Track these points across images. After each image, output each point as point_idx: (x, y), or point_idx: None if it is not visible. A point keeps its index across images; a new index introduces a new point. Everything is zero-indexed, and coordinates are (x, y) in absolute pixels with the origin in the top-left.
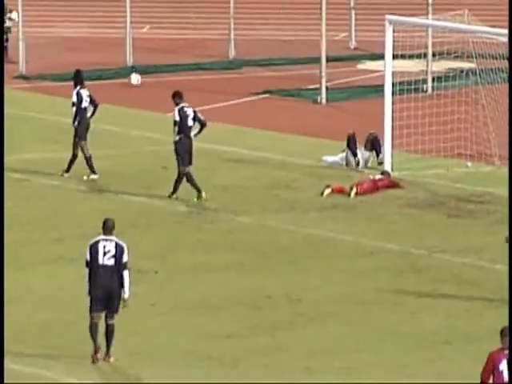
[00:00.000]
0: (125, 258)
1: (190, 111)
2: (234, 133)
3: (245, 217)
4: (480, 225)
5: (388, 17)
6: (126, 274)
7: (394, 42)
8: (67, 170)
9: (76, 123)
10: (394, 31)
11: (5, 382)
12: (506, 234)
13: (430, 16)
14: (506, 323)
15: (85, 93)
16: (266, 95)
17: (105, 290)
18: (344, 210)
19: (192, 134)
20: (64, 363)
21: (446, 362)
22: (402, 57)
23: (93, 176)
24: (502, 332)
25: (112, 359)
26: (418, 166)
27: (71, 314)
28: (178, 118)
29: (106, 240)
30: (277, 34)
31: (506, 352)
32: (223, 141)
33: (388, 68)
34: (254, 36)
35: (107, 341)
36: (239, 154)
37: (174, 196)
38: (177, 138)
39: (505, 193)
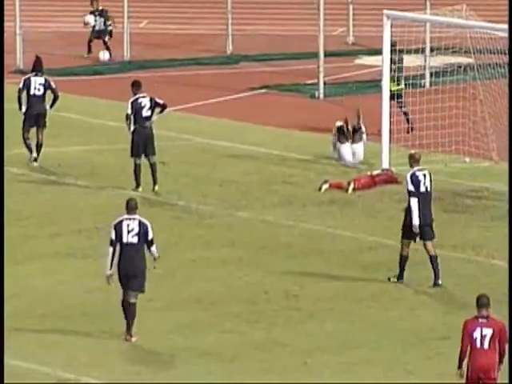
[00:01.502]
0: (150, 235)
1: (145, 101)
2: (231, 128)
3: (244, 212)
4: (477, 220)
5: (386, 12)
6: (154, 248)
7: (391, 36)
8: (35, 159)
9: (24, 110)
10: (391, 26)
11: (4, 378)
12: (505, 230)
13: (428, 11)
14: (505, 319)
15: (37, 80)
16: (264, 90)
17: (130, 268)
18: (342, 205)
19: (148, 123)
20: (63, 358)
21: (444, 357)
22: (400, 52)
23: (33, 161)
24: (477, 301)
25: (134, 339)
26: None
27: (70, 309)
28: (129, 111)
29: (130, 219)
30: (274, 29)
31: (481, 320)
32: (221, 136)
33: (386, 63)
34: (251, 31)
35: (127, 319)
36: (237, 150)
37: (156, 187)
38: (132, 128)
39: (502, 188)
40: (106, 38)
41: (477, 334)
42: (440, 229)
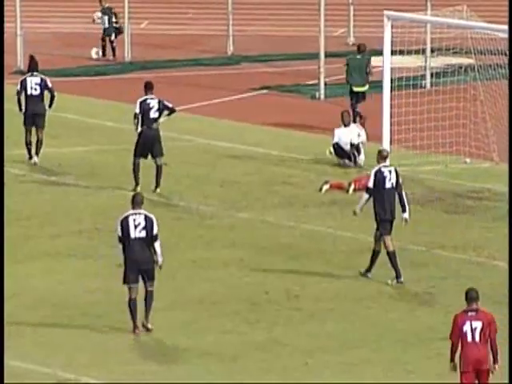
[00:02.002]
0: (155, 230)
1: (153, 103)
2: (232, 129)
3: (244, 213)
4: (478, 221)
5: (386, 12)
6: (157, 244)
7: (392, 37)
8: (36, 153)
9: (23, 110)
10: (392, 27)
11: (4, 378)
12: (506, 230)
13: (429, 12)
14: (505, 319)
15: (33, 80)
16: (265, 91)
17: (139, 262)
18: (343, 206)
19: (155, 124)
20: (63, 359)
21: (444, 358)
22: (401, 53)
23: (34, 159)
24: (466, 295)
25: (150, 325)
26: (416, 161)
27: (70, 309)
28: (137, 111)
29: (135, 214)
30: (275, 29)
31: (470, 314)
32: (222, 137)
33: (386, 64)
34: (252, 32)
35: (146, 306)
36: (238, 150)
37: (158, 190)
38: (139, 129)
39: (503, 189)
40: (113, 37)
41: (467, 328)
42: (441, 230)
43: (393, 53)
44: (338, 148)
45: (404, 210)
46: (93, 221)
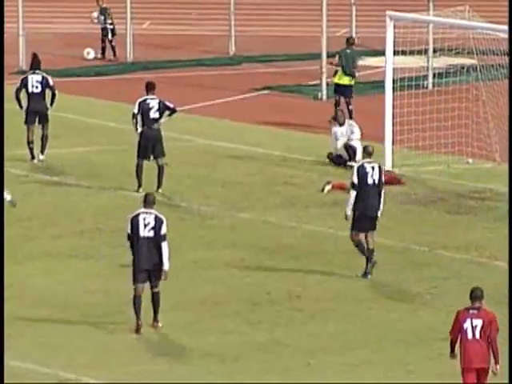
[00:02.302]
0: (163, 230)
1: (153, 103)
2: (233, 129)
3: (245, 213)
4: (480, 221)
5: (389, 13)
6: (164, 245)
7: (394, 38)
8: (41, 151)
9: (24, 107)
10: (394, 27)
11: (4, 378)
12: (506, 230)
13: (431, 12)
14: (505, 319)
15: (35, 78)
16: (266, 91)
17: (147, 261)
18: (344, 206)
19: (156, 125)
20: (63, 359)
21: (445, 358)
22: (403, 53)
23: (39, 158)
24: (471, 294)
25: (160, 324)
26: (418, 162)
27: (70, 310)
28: (135, 111)
29: (146, 213)
30: (277, 30)
31: (471, 311)
32: (223, 137)
33: (389, 64)
34: (254, 32)
35: (154, 308)
36: (239, 151)
37: (160, 190)
38: (139, 129)
39: (505, 189)
40: (110, 37)
41: (467, 325)
42: (443, 230)
43: (395, 53)
44: (334, 157)
45: (378, 208)
46: (94, 221)
